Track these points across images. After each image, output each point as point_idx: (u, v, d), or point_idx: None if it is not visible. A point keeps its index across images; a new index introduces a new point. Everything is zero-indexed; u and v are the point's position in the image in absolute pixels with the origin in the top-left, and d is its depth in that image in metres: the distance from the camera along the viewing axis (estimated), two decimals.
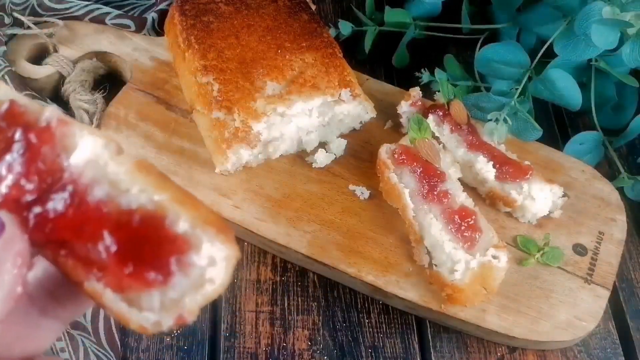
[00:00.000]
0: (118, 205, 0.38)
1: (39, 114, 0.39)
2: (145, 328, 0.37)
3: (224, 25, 0.96)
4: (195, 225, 0.37)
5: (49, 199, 0.38)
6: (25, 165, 0.38)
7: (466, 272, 0.79)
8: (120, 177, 0.38)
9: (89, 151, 0.39)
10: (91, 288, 0.37)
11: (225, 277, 0.37)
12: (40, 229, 0.38)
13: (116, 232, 0.37)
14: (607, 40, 0.87)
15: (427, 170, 0.86)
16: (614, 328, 0.88)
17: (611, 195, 0.95)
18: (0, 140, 0.38)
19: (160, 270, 0.37)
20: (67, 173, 0.38)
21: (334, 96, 0.93)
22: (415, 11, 1.12)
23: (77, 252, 0.38)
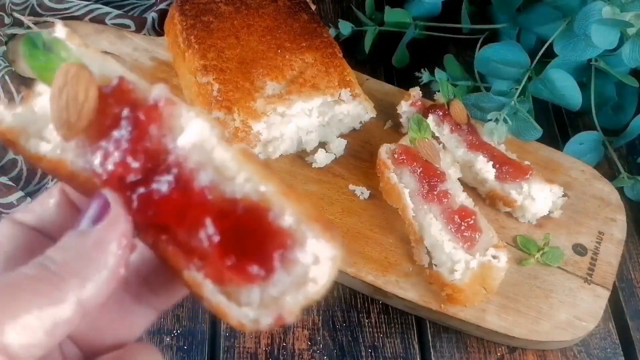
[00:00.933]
0: (222, 193, 0.36)
1: (147, 92, 0.38)
2: (244, 325, 0.36)
3: (223, 25, 0.96)
4: (301, 220, 0.35)
5: (153, 180, 0.37)
6: (132, 143, 0.36)
7: (466, 272, 0.79)
8: (226, 164, 0.37)
9: (197, 134, 0.37)
10: (191, 277, 0.36)
11: (329, 277, 0.35)
12: (143, 211, 0.36)
13: (219, 221, 0.36)
14: (607, 40, 0.87)
15: (427, 170, 0.86)
16: (614, 328, 0.88)
17: (611, 195, 0.95)
18: (108, 116, 0.37)
19: (262, 265, 0.35)
20: (173, 155, 0.37)
21: (333, 96, 0.93)
22: (415, 11, 1.12)
23: (178, 239, 0.36)
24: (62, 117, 0.36)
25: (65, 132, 0.37)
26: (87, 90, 0.36)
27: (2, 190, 0.87)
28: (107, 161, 0.37)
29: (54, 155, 0.38)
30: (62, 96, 0.36)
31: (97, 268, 0.35)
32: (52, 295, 0.33)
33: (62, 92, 0.36)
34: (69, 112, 0.36)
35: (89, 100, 0.36)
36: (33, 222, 0.41)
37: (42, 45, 0.38)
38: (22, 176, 0.92)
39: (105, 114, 0.37)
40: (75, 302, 0.34)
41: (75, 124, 0.36)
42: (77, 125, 0.37)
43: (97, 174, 0.37)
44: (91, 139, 0.37)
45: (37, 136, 0.39)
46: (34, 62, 0.38)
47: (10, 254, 0.40)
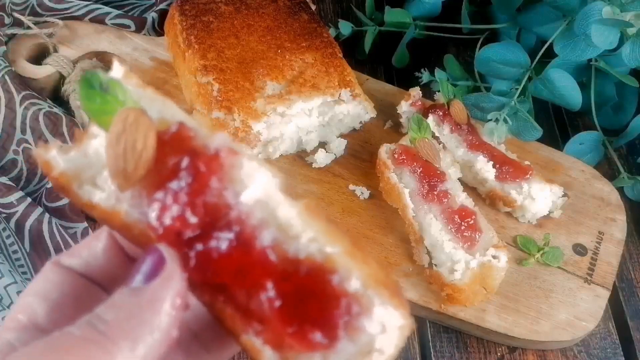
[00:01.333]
0: (285, 253, 0.34)
1: (208, 140, 0.35)
2: None
3: (224, 25, 0.96)
4: (368, 285, 0.33)
5: (212, 236, 0.34)
6: (191, 196, 0.34)
7: (466, 272, 0.79)
8: (291, 222, 0.35)
9: (261, 190, 0.35)
10: (249, 342, 0.34)
11: (396, 348, 0.33)
12: (200, 269, 0.34)
13: (281, 283, 0.33)
14: (607, 40, 0.87)
15: (427, 170, 0.86)
16: (614, 328, 0.88)
17: (611, 195, 0.95)
18: (167, 165, 0.35)
19: (325, 332, 0.33)
20: (235, 211, 0.35)
21: (334, 96, 0.92)
22: (415, 11, 1.12)
23: (236, 300, 0.34)
24: (118, 166, 0.34)
25: (122, 181, 0.35)
26: (146, 137, 0.34)
27: (2, 190, 0.87)
28: (164, 214, 0.34)
29: (108, 205, 0.36)
30: (119, 144, 0.34)
31: (149, 330, 0.33)
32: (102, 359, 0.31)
33: (120, 139, 0.34)
34: (127, 161, 0.34)
35: (147, 148, 0.34)
36: (80, 267, 0.40)
37: (99, 85, 0.36)
38: (22, 176, 0.92)
39: (164, 163, 0.35)
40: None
41: (132, 173, 0.34)
42: (134, 174, 0.34)
43: (152, 228, 0.35)
44: (148, 189, 0.35)
45: (91, 183, 0.37)
46: (90, 104, 0.36)
47: (56, 302, 0.38)
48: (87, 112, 0.36)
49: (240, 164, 0.35)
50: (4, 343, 0.36)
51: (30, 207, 0.87)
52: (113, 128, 0.35)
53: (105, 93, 0.36)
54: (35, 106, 0.93)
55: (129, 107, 0.35)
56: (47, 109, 0.93)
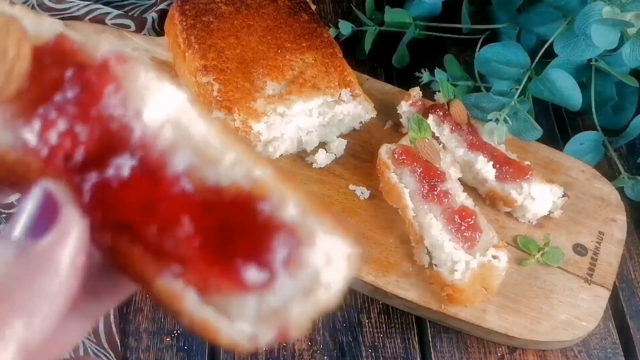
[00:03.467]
0: (204, 180, 0.29)
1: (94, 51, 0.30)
2: (238, 343, 0.28)
3: (224, 25, 0.96)
4: (306, 212, 0.28)
5: (110, 163, 0.28)
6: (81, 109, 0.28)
7: (466, 272, 0.79)
8: (209, 143, 0.29)
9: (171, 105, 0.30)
10: (165, 286, 0.28)
11: (345, 281, 0.29)
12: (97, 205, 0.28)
13: (201, 215, 0.28)
14: (607, 40, 0.87)
15: (427, 170, 0.86)
16: (614, 328, 0.88)
17: (611, 195, 0.95)
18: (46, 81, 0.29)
19: (260, 269, 0.28)
20: (138, 131, 0.29)
21: (334, 96, 0.92)
22: (415, 11, 1.12)
23: (146, 240, 0.28)
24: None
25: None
26: (19, 46, 0.29)
27: None
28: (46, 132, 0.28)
29: None
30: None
31: (46, 298, 0.26)
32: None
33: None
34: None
35: (20, 59, 0.29)
36: None
37: None
38: None
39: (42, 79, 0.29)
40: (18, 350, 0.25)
41: (3, 87, 0.29)
42: (6, 89, 0.29)
43: (33, 151, 0.29)
44: (23, 108, 0.29)
45: None
46: None
47: None
48: None
49: (135, 74, 0.30)
50: None
51: None
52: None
53: None
54: None
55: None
56: None
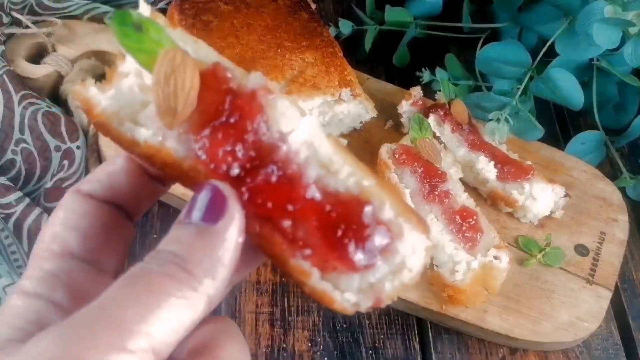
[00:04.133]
0: (327, 187, 0.38)
1: (244, 79, 0.38)
2: (346, 308, 0.38)
3: (223, 24, 0.96)
4: (398, 214, 0.37)
5: (260, 172, 0.37)
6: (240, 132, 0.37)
7: (467, 272, 0.79)
8: (332, 159, 0.38)
9: (307, 131, 0.38)
10: (297, 265, 0.37)
11: (422, 266, 0.38)
12: (251, 203, 0.37)
13: (324, 213, 0.37)
14: (609, 39, 0.86)
15: (428, 171, 0.86)
16: (616, 329, 0.88)
17: (613, 195, 0.95)
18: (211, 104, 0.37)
19: (364, 255, 0.37)
20: (284, 149, 0.37)
21: (334, 96, 0.92)
22: (416, 10, 1.11)
23: (284, 230, 0.37)
24: (168, 105, 0.36)
25: (170, 119, 0.37)
26: (193, 78, 0.36)
27: (1, 191, 0.86)
28: (214, 150, 0.37)
29: (155, 142, 0.38)
30: (169, 84, 0.36)
31: (222, 266, 0.35)
32: (192, 297, 0.33)
33: (169, 79, 0.36)
34: (177, 101, 0.36)
35: (194, 88, 0.36)
36: (101, 193, 0.40)
37: (132, 24, 0.37)
38: (21, 176, 0.91)
39: (206, 102, 0.37)
40: (207, 303, 0.34)
41: (181, 112, 0.36)
42: (183, 113, 0.36)
43: (202, 162, 0.37)
44: (194, 127, 0.37)
45: (131, 120, 0.38)
46: (127, 41, 0.37)
47: (86, 231, 0.39)
48: (126, 50, 0.37)
49: (275, 103, 0.38)
50: (48, 272, 0.37)
51: (29, 208, 0.86)
52: (160, 68, 0.36)
53: (139, 31, 0.37)
54: (33, 106, 0.92)
55: (174, 48, 0.37)
56: (46, 109, 0.92)
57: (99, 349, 0.30)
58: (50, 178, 0.91)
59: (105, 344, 0.31)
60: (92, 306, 0.32)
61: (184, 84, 0.36)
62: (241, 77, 0.38)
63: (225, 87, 0.37)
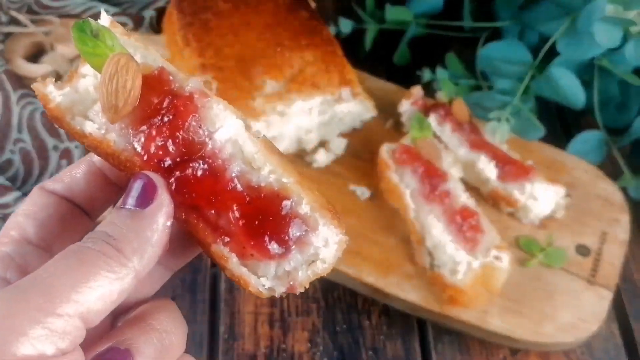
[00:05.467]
0: (249, 182, 0.42)
1: (183, 83, 0.42)
2: (261, 292, 0.42)
3: (222, 22, 0.95)
4: (314, 209, 0.41)
5: (188, 165, 0.41)
6: (173, 129, 0.41)
7: (468, 273, 0.78)
8: (254, 157, 0.42)
9: (232, 130, 0.42)
10: (218, 250, 0.41)
11: (335, 258, 0.42)
12: (178, 192, 0.41)
13: (245, 205, 0.41)
14: (611, 38, 0.86)
15: (429, 170, 0.85)
16: (617, 329, 0.87)
17: (615, 195, 0.94)
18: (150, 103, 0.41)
19: (280, 245, 0.41)
20: (210, 145, 0.42)
21: (334, 95, 0.92)
22: (417, 8, 1.11)
23: (208, 218, 0.41)
24: (110, 102, 0.40)
25: (112, 115, 0.41)
26: (134, 79, 0.40)
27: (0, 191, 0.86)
28: (149, 144, 0.41)
29: (99, 135, 0.42)
30: (112, 83, 0.40)
31: (150, 246, 0.39)
32: (120, 271, 0.38)
33: (112, 79, 0.40)
34: (118, 98, 0.40)
35: (135, 88, 0.40)
36: (63, 190, 0.45)
37: (90, 31, 0.41)
38: (19, 176, 0.91)
39: (147, 101, 0.41)
40: (134, 277, 0.39)
41: (121, 108, 0.40)
42: (123, 110, 0.40)
43: (138, 154, 0.41)
44: (134, 123, 0.41)
45: (82, 115, 0.43)
46: (83, 46, 0.41)
47: (43, 221, 0.44)
48: (81, 54, 0.42)
49: (210, 105, 0.42)
50: (4, 254, 0.42)
51: None
52: (106, 69, 0.40)
53: (95, 38, 0.41)
54: (32, 105, 0.92)
55: (120, 52, 0.41)
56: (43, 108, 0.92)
57: (29, 312, 0.34)
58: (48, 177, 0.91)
59: (36, 308, 0.35)
60: (29, 276, 0.37)
61: (126, 83, 0.40)
62: (182, 81, 0.42)
63: (167, 88, 0.42)
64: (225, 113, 0.43)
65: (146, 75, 0.42)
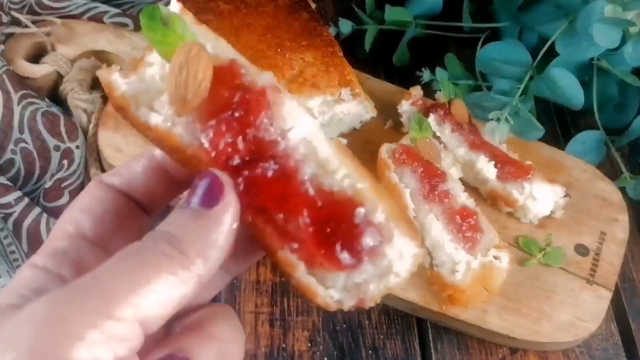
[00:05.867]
0: (322, 185, 0.39)
1: (256, 77, 0.40)
2: (328, 304, 0.39)
3: (223, 24, 0.95)
4: (390, 218, 0.38)
5: (258, 165, 0.39)
6: (243, 126, 0.38)
7: (467, 272, 0.79)
8: (329, 159, 0.40)
9: (307, 129, 0.40)
10: (285, 257, 0.38)
11: (409, 272, 0.39)
12: (247, 193, 0.38)
13: (316, 210, 0.38)
14: (609, 39, 0.86)
15: (428, 170, 0.85)
16: (616, 329, 0.87)
17: (613, 195, 0.95)
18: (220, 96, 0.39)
19: (352, 255, 0.38)
20: (282, 145, 0.39)
21: (334, 95, 0.92)
22: (416, 9, 1.11)
23: (276, 222, 0.38)
24: (179, 93, 0.38)
25: (180, 107, 0.39)
26: (205, 70, 0.38)
27: (0, 191, 0.86)
28: (217, 140, 0.38)
29: (165, 127, 0.40)
30: (182, 73, 0.38)
31: (215, 249, 0.37)
32: (182, 275, 0.35)
33: (182, 69, 0.38)
34: (187, 90, 0.38)
35: (205, 79, 0.38)
36: (121, 185, 0.43)
37: (160, 18, 0.39)
38: (20, 176, 0.91)
39: (217, 94, 0.39)
40: (198, 281, 0.36)
41: (190, 100, 0.38)
42: (192, 102, 0.38)
43: (205, 151, 0.39)
44: (202, 116, 0.39)
45: (147, 106, 0.41)
46: (152, 34, 0.39)
47: (99, 216, 0.42)
48: (150, 42, 0.40)
49: (283, 102, 0.40)
50: (58, 249, 0.40)
51: (28, 207, 0.86)
52: (176, 59, 0.38)
53: (165, 26, 0.39)
54: (33, 105, 0.92)
55: (191, 42, 0.39)
56: (45, 109, 0.92)
57: (86, 314, 0.32)
58: (49, 178, 0.91)
59: (93, 310, 0.32)
60: (86, 276, 0.34)
61: (196, 74, 0.38)
62: (254, 75, 0.40)
63: (238, 82, 0.39)
64: (299, 111, 0.40)
65: (217, 67, 0.39)
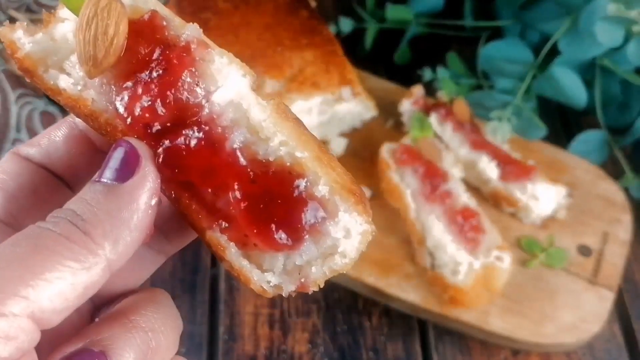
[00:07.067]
0: (255, 155, 0.34)
1: (180, 30, 0.35)
2: (265, 290, 0.34)
3: (222, 22, 0.95)
4: (334, 191, 0.34)
5: (181, 133, 0.34)
6: (163, 87, 0.33)
7: (469, 273, 0.78)
8: (262, 125, 0.34)
9: (235, 90, 0.35)
10: (214, 238, 0.34)
11: (358, 252, 0.34)
12: (168, 166, 0.34)
13: (249, 184, 0.33)
14: (612, 37, 0.86)
15: (429, 170, 0.85)
16: (619, 330, 0.87)
17: (616, 195, 0.94)
18: (137, 54, 0.34)
19: (290, 234, 0.33)
20: (206, 109, 0.34)
21: (334, 94, 0.91)
22: (417, 7, 1.10)
23: (203, 198, 0.34)
24: (88, 51, 0.33)
25: (90, 68, 0.34)
26: (118, 24, 0.33)
27: None
28: (133, 104, 0.33)
29: (75, 91, 0.35)
30: (90, 28, 0.33)
31: (128, 229, 0.32)
32: (86, 260, 0.31)
33: (90, 23, 0.33)
34: (97, 47, 0.33)
35: (119, 35, 0.33)
36: (39, 157, 0.38)
37: None
38: None
39: (135, 52, 0.34)
40: (106, 266, 0.32)
41: (102, 60, 0.33)
42: (104, 61, 0.33)
43: (120, 117, 0.34)
44: (117, 78, 0.34)
45: (57, 67, 0.36)
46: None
47: (13, 193, 0.37)
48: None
49: (211, 58, 0.35)
50: None
51: None
52: (84, 12, 0.33)
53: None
54: (30, 105, 0.91)
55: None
56: (43, 108, 0.91)
57: None
58: None
59: None
60: None
61: (107, 29, 0.33)
62: (178, 28, 0.35)
63: (159, 36, 0.34)
64: (229, 68, 0.35)
65: (133, 20, 0.34)
